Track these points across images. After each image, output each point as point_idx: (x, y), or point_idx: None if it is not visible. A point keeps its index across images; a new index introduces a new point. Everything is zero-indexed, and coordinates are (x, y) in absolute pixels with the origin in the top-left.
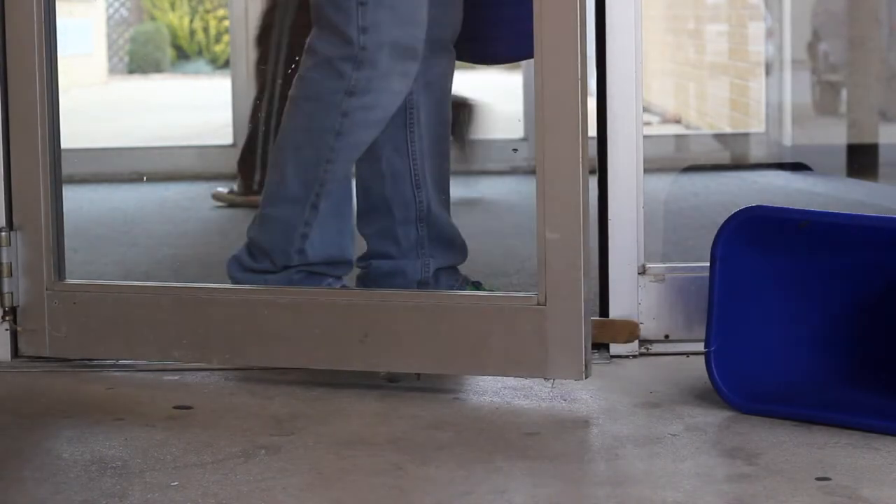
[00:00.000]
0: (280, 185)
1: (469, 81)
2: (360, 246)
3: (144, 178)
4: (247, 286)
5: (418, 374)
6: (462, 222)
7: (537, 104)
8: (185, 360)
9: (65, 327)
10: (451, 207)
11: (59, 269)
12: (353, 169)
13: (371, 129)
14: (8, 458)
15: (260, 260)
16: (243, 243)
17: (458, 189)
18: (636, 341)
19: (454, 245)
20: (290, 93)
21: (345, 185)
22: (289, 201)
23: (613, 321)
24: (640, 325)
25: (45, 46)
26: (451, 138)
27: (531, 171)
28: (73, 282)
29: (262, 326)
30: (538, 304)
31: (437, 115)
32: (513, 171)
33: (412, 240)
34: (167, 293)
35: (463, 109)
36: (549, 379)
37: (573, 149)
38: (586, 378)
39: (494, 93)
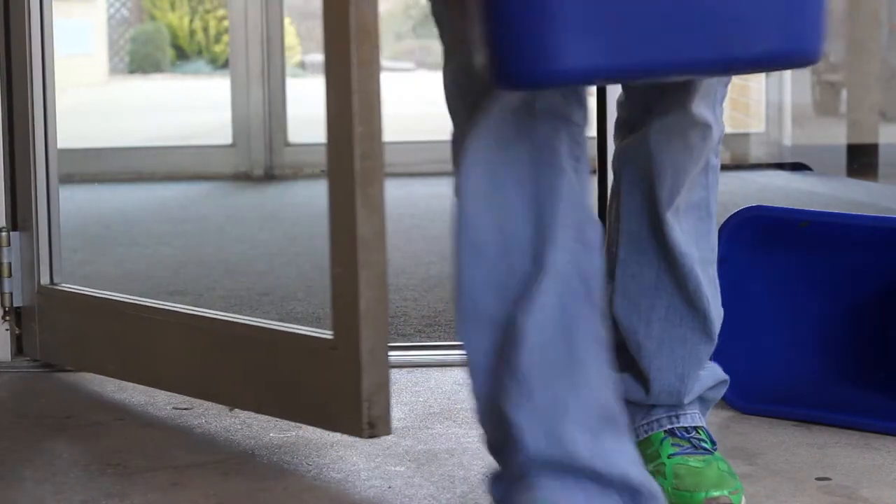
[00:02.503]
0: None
1: None
2: None
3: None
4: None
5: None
6: None
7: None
8: (135, 380)
9: (46, 332)
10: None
11: (51, 272)
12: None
13: None
14: (8, 458)
15: (499, 463)
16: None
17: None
18: None
19: None
20: None
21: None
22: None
23: None
24: None
25: (41, 47)
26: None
27: None
28: (49, 286)
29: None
30: (331, 348)
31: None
32: None
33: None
34: (124, 310)
35: None
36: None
37: None
38: (371, 437)
39: None
